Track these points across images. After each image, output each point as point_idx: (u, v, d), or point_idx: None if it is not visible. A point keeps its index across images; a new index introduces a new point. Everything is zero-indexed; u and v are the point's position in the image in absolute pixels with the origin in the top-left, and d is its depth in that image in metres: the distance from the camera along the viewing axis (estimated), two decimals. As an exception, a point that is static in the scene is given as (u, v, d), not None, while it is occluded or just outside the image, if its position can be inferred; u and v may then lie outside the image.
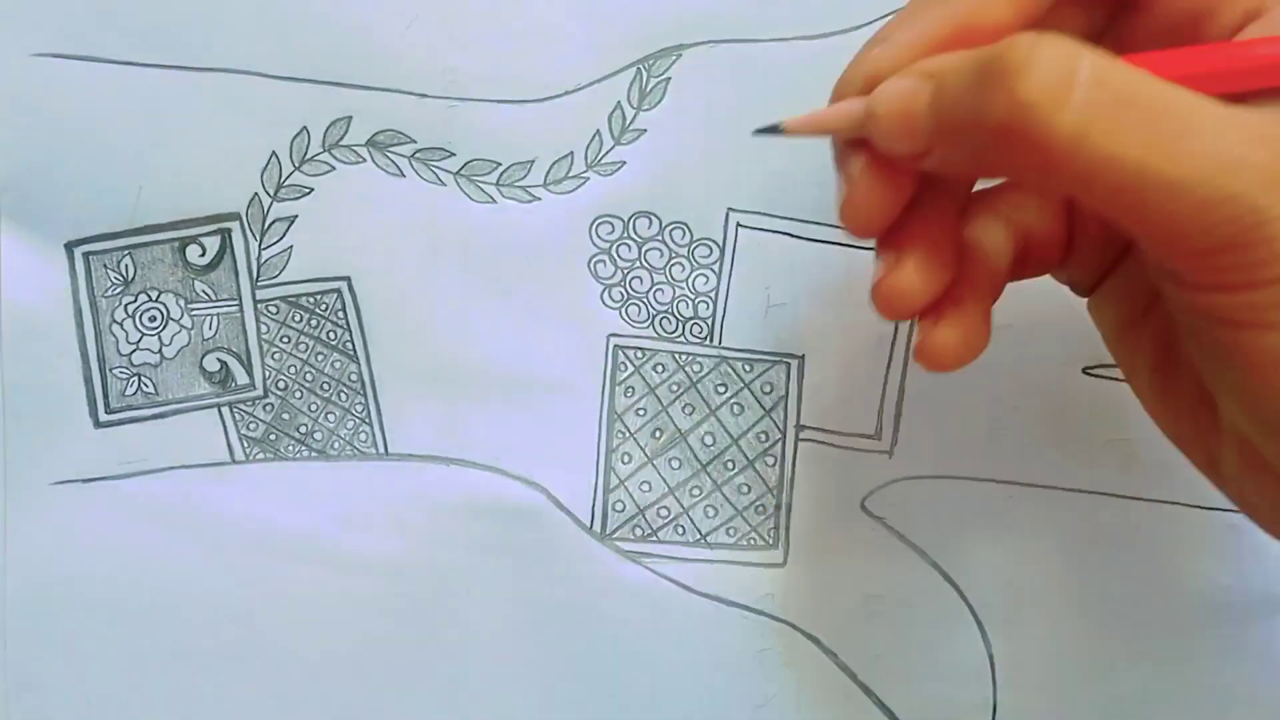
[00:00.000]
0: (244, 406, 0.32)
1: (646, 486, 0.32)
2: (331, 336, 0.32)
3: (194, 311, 0.32)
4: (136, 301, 0.32)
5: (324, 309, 0.32)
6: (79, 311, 0.32)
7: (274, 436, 0.32)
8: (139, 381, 0.32)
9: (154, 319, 0.32)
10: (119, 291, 0.32)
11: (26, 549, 0.31)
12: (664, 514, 0.32)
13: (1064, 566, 0.32)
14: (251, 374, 0.32)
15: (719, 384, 0.32)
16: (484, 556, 0.32)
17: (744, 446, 0.32)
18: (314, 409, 0.32)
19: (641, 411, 0.32)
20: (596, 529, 0.32)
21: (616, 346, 0.32)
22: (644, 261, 0.32)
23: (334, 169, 0.32)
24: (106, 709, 0.32)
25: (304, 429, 0.32)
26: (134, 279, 0.32)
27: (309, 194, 0.32)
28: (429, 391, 0.32)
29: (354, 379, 0.32)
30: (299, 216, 0.32)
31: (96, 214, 0.31)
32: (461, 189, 0.32)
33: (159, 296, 0.32)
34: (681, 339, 0.32)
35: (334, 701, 0.32)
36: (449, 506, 0.32)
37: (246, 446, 0.32)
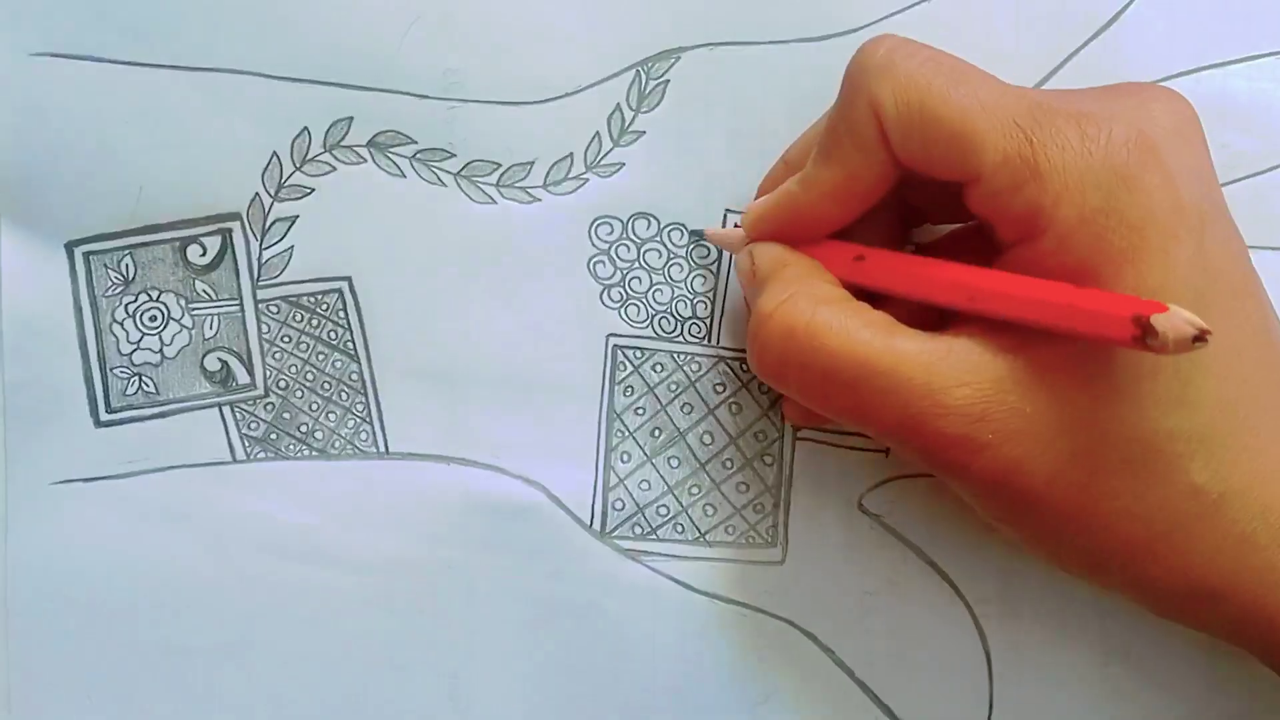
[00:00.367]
0: (245, 406, 0.32)
1: (646, 485, 0.32)
2: (332, 336, 0.32)
3: (195, 311, 0.32)
4: (137, 301, 0.32)
5: (325, 309, 0.32)
6: (79, 311, 0.32)
7: (275, 436, 0.32)
8: (140, 381, 0.32)
9: (155, 318, 0.32)
10: (119, 291, 0.32)
11: (27, 549, 0.31)
12: (663, 512, 0.32)
13: (1059, 564, 0.32)
14: (252, 373, 0.32)
15: (717, 383, 0.32)
16: (484, 555, 0.32)
17: (742, 445, 0.32)
18: (315, 408, 0.32)
19: (640, 410, 0.32)
20: (596, 527, 0.32)
21: (616, 346, 0.32)
22: (643, 262, 0.32)
23: (335, 169, 0.32)
24: (107, 708, 0.31)
25: (305, 428, 0.32)
26: (134, 279, 0.32)
27: (310, 194, 0.32)
28: (429, 391, 0.32)
29: (355, 378, 0.32)
30: (300, 217, 0.32)
31: (97, 214, 0.31)
32: (462, 190, 0.32)
33: (160, 296, 0.32)
34: (680, 339, 0.32)
35: (334, 700, 0.32)
36: (449, 505, 0.32)
37: (247, 446, 0.32)
